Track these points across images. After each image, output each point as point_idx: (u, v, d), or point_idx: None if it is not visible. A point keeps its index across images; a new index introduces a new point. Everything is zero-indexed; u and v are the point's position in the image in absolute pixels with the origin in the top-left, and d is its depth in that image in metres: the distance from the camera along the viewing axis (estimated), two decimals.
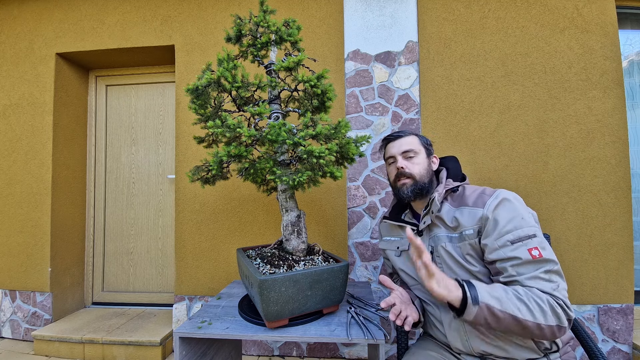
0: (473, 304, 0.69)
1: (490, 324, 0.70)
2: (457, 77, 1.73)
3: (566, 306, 0.69)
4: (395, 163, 0.95)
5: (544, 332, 0.68)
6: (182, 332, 0.87)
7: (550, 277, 0.72)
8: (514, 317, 0.68)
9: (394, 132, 1.01)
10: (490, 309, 0.69)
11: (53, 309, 1.95)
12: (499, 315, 0.68)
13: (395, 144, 0.97)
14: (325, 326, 0.90)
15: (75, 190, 2.17)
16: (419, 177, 0.92)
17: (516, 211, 0.79)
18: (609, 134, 1.63)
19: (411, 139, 0.96)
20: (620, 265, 1.59)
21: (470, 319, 0.71)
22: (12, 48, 2.08)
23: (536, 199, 1.65)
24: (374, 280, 1.70)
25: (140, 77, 2.25)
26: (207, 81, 0.95)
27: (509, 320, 0.68)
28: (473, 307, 0.69)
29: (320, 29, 1.83)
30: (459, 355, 0.88)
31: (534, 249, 0.73)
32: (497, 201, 0.80)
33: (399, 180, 0.94)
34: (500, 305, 0.69)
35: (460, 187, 0.91)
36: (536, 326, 0.67)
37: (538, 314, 0.68)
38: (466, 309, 0.70)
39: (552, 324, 0.67)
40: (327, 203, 1.77)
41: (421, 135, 1.00)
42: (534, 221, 0.79)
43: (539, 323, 0.67)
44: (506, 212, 0.79)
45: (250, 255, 1.12)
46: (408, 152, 0.94)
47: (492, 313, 0.69)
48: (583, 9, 1.68)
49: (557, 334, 0.69)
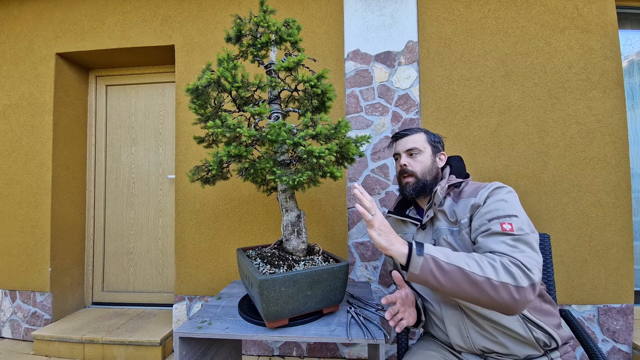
0: (417, 254, 0.69)
1: (439, 278, 0.67)
2: (457, 77, 1.73)
3: (525, 267, 0.65)
4: (400, 160, 0.99)
5: (498, 291, 0.64)
6: (182, 332, 0.87)
7: (516, 244, 0.71)
8: (460, 269, 0.66)
9: (403, 129, 1.03)
10: (436, 261, 0.68)
11: (53, 309, 1.95)
12: (446, 267, 0.67)
13: (402, 141, 1.00)
14: (325, 326, 0.90)
15: (75, 190, 2.17)
16: (420, 174, 0.94)
17: (502, 197, 0.81)
18: (609, 134, 1.63)
19: (418, 136, 0.98)
20: (620, 265, 1.59)
21: (417, 272, 0.69)
22: (12, 48, 2.08)
23: (536, 199, 1.65)
24: (374, 280, 1.71)
25: (140, 77, 2.25)
26: (207, 81, 0.95)
27: (457, 274, 0.66)
28: (418, 258, 0.68)
29: (320, 29, 1.83)
30: (459, 355, 0.88)
31: (507, 224, 0.74)
32: (488, 191, 0.83)
33: (403, 178, 0.98)
34: (446, 259, 0.68)
35: (462, 183, 0.93)
36: (487, 282, 0.64)
37: (488, 269, 0.65)
38: (411, 260, 0.69)
39: (506, 281, 0.64)
40: (327, 203, 1.77)
41: (430, 132, 1.01)
42: (520, 209, 0.78)
43: (489, 278, 0.64)
44: (493, 197, 0.81)
45: (250, 255, 1.12)
46: (412, 150, 0.97)
47: (439, 265, 0.67)
48: (583, 9, 1.68)
49: (515, 296, 0.64)
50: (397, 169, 1.02)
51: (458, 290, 0.67)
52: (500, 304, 0.65)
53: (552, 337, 0.79)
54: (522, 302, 0.64)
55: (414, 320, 0.88)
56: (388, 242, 0.72)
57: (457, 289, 0.67)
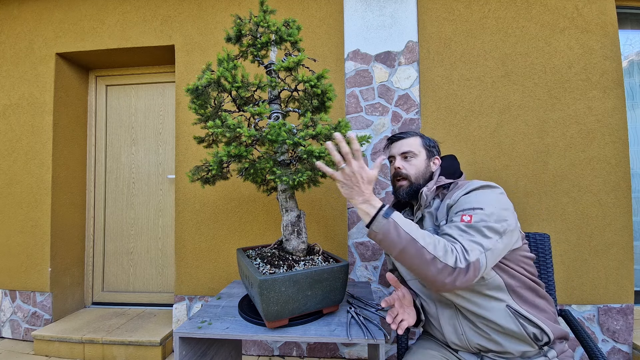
0: (384, 216, 0.73)
1: (393, 240, 0.71)
2: (457, 77, 1.73)
3: (465, 250, 0.69)
4: (394, 162, 0.99)
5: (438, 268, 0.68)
6: (182, 332, 0.87)
7: (466, 229, 0.74)
8: (414, 240, 0.70)
9: (398, 132, 1.04)
10: (396, 225, 0.71)
11: (53, 309, 1.95)
12: (402, 234, 0.70)
13: (397, 144, 1.00)
14: (325, 326, 0.90)
15: (75, 190, 2.17)
16: (414, 178, 0.95)
17: (476, 193, 0.82)
18: (609, 134, 1.63)
19: (413, 140, 0.99)
20: (620, 265, 1.59)
21: (377, 230, 0.73)
22: (12, 48, 2.08)
23: (536, 199, 1.65)
24: (374, 280, 1.71)
25: (140, 77, 2.25)
26: (207, 81, 0.95)
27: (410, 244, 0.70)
28: (382, 219, 0.73)
29: (320, 29, 1.83)
30: (457, 353, 0.88)
31: (467, 215, 0.76)
32: (465, 191, 0.84)
33: (397, 181, 0.98)
34: (406, 228, 0.71)
35: (452, 184, 0.93)
36: (432, 259, 0.68)
37: (439, 249, 0.69)
38: (375, 218, 0.73)
39: (449, 263, 0.67)
40: (327, 203, 1.77)
41: (426, 137, 1.01)
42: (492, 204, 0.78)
43: (436, 256, 0.68)
44: (467, 196, 0.82)
45: (250, 255, 1.12)
46: (407, 153, 0.97)
47: (397, 230, 0.71)
48: (583, 9, 1.68)
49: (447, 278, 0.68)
50: (391, 172, 1.03)
51: (405, 258, 0.71)
52: (435, 281, 0.69)
53: (543, 332, 0.78)
54: (452, 284, 0.68)
55: (414, 320, 0.88)
56: (349, 196, 0.76)
57: (404, 256, 0.71)
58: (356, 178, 0.74)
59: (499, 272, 0.80)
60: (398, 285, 0.84)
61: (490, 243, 0.72)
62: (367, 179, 0.75)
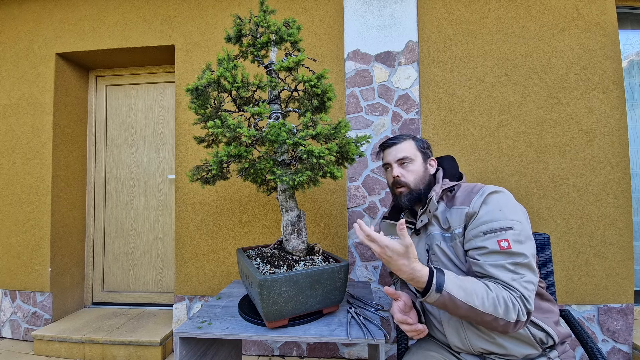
0: (436, 291, 0.70)
1: (450, 310, 0.72)
2: (457, 77, 1.73)
3: (525, 299, 0.69)
4: (391, 170, 0.96)
5: (500, 325, 0.69)
6: (182, 332, 0.87)
7: (515, 269, 0.72)
8: (473, 308, 0.69)
9: (390, 138, 1.00)
10: (452, 298, 0.69)
11: (53, 309, 1.95)
12: (459, 304, 0.69)
13: (391, 150, 0.97)
14: (325, 326, 0.90)
15: (75, 190, 2.17)
16: (414, 185, 0.93)
17: (497, 204, 0.79)
18: (609, 134, 1.63)
19: (407, 144, 0.96)
20: (620, 265, 1.59)
21: (431, 302, 0.72)
22: (12, 48, 2.08)
23: (536, 199, 1.65)
24: (374, 280, 1.71)
25: (140, 77, 2.25)
26: (207, 81, 0.95)
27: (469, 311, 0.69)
28: (435, 294, 0.70)
29: (320, 29, 1.83)
30: (458, 355, 0.88)
31: (504, 240, 0.74)
32: (482, 198, 0.81)
33: (397, 188, 0.95)
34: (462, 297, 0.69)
35: (455, 186, 0.92)
36: (494, 319, 0.68)
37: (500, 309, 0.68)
38: (429, 294, 0.71)
39: (511, 320, 0.68)
40: (327, 203, 1.77)
41: (418, 139, 0.99)
42: (516, 215, 0.78)
43: (497, 317, 0.68)
44: (487, 205, 0.80)
45: (250, 255, 1.12)
46: (403, 159, 0.94)
47: (453, 302, 0.70)
48: (583, 9, 1.68)
49: (514, 328, 0.70)
50: (388, 180, 1.00)
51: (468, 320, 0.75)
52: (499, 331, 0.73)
53: (549, 335, 0.79)
54: (518, 330, 0.71)
55: (416, 322, 0.87)
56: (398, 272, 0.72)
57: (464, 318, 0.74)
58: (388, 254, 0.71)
59: None
60: (397, 296, 0.82)
61: (536, 275, 0.74)
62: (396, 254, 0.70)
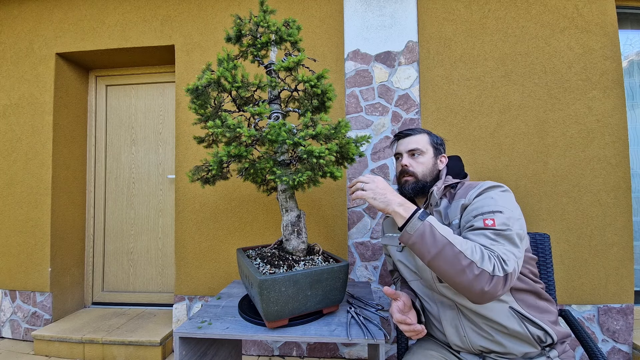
0: (419, 218, 0.73)
1: (428, 244, 0.70)
2: (457, 77, 1.73)
3: (502, 259, 0.68)
4: (401, 160, 0.99)
5: (475, 274, 0.66)
6: (182, 332, 0.87)
7: (496, 238, 0.73)
8: (451, 244, 0.69)
9: (406, 129, 1.03)
10: (432, 228, 0.71)
11: (53, 309, 1.95)
12: (438, 237, 0.70)
13: (404, 141, 1.00)
14: (325, 326, 0.90)
15: (75, 190, 2.17)
16: (421, 176, 0.95)
17: (490, 194, 0.81)
18: (609, 134, 1.63)
19: (420, 137, 0.98)
20: (620, 265, 1.59)
21: (412, 232, 0.73)
22: (12, 48, 2.08)
23: (536, 199, 1.65)
24: (374, 280, 1.71)
25: (140, 77, 2.25)
26: (207, 81, 0.95)
27: (447, 248, 0.69)
28: (417, 221, 0.73)
29: (320, 29, 1.83)
30: (458, 354, 0.88)
31: (489, 219, 0.75)
32: (478, 191, 0.83)
33: (403, 177, 0.98)
34: (442, 231, 0.71)
35: (459, 183, 0.93)
36: (469, 264, 0.67)
37: (475, 253, 0.68)
38: (410, 220, 0.74)
39: (486, 269, 0.66)
40: (327, 203, 1.77)
41: (433, 134, 1.01)
42: (509, 205, 0.79)
43: (473, 261, 0.67)
44: (481, 196, 0.82)
45: (250, 255, 1.12)
46: (414, 150, 0.97)
47: (433, 233, 0.71)
48: (583, 9, 1.68)
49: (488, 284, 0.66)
50: (397, 169, 1.02)
51: (440, 262, 0.70)
52: (471, 288, 0.67)
53: (547, 333, 0.79)
54: (491, 292, 0.67)
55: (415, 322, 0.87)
56: (384, 204, 0.79)
57: (439, 261, 0.70)
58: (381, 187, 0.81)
59: None
60: (396, 297, 0.83)
61: (520, 252, 0.73)
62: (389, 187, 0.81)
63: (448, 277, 0.70)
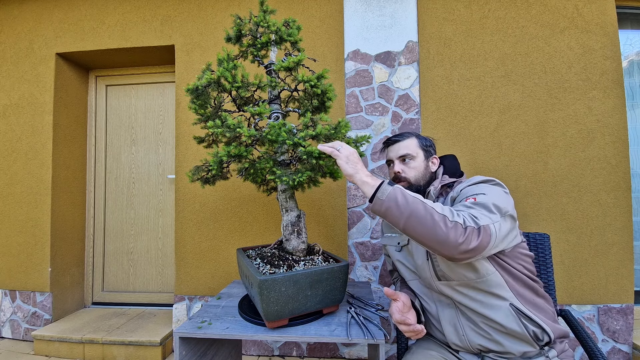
0: (388, 184, 0.75)
1: (400, 206, 0.71)
2: (457, 77, 1.73)
3: (473, 216, 0.70)
4: (393, 166, 1.00)
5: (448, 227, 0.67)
6: (182, 332, 0.87)
7: (472, 206, 0.75)
8: (422, 202, 0.71)
9: (394, 135, 1.04)
10: (402, 191, 0.73)
11: (53, 309, 1.95)
12: (409, 198, 0.72)
13: (394, 147, 1.01)
14: (325, 326, 0.90)
15: (75, 190, 2.17)
16: (414, 180, 0.96)
17: (478, 187, 0.83)
18: (609, 134, 1.63)
19: (409, 141, 0.99)
20: (620, 265, 1.59)
21: (383, 198, 0.73)
22: (12, 48, 2.08)
23: (536, 199, 1.65)
24: (374, 280, 1.71)
25: (140, 77, 2.25)
26: (207, 81, 0.95)
27: (418, 206, 0.70)
28: (387, 186, 0.74)
29: (320, 29, 1.83)
30: (457, 354, 0.88)
31: (472, 198, 0.78)
32: (467, 184, 0.86)
33: (397, 183, 0.97)
34: (413, 194, 0.73)
35: (455, 182, 0.94)
36: (442, 218, 0.68)
37: (445, 210, 0.70)
38: (380, 187, 0.75)
39: (458, 220, 0.68)
40: (327, 203, 1.77)
41: (422, 137, 1.02)
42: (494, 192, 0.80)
43: (445, 215, 0.68)
44: (469, 187, 0.84)
45: (250, 255, 1.12)
46: (405, 156, 0.98)
47: (404, 195, 0.72)
48: (583, 9, 1.68)
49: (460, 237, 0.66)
50: (390, 176, 1.03)
51: (414, 223, 0.70)
52: (446, 241, 0.67)
53: (544, 331, 0.79)
54: (466, 244, 0.66)
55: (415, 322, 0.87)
56: (354, 170, 0.81)
57: (413, 222, 0.70)
58: (355, 157, 0.83)
59: (498, 269, 0.80)
60: (396, 297, 0.83)
61: (497, 218, 0.73)
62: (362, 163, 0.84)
63: (423, 236, 0.69)
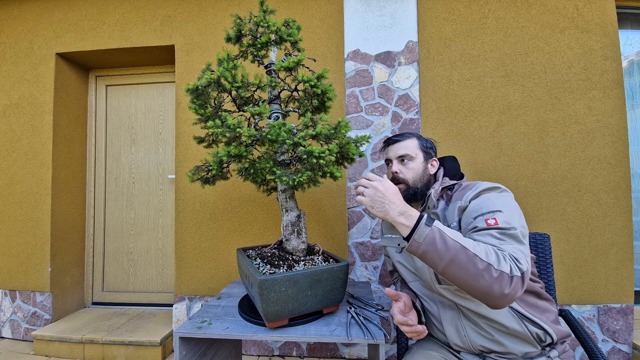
0: (426, 224, 0.69)
1: (440, 251, 0.67)
2: (457, 77, 1.73)
3: (514, 258, 0.67)
4: (391, 166, 0.99)
5: (494, 277, 0.63)
6: (182, 332, 0.87)
7: (502, 237, 0.71)
8: (464, 248, 0.66)
9: (395, 135, 1.03)
10: (442, 234, 0.68)
11: (53, 309, 1.95)
12: (449, 242, 0.67)
13: (394, 147, 1.00)
14: (325, 326, 0.90)
15: (75, 190, 2.17)
16: (412, 182, 0.94)
17: (487, 196, 0.81)
18: (609, 134, 1.63)
19: (410, 142, 0.98)
20: (620, 265, 1.59)
21: (420, 241, 0.69)
22: (12, 48, 2.08)
23: (536, 199, 1.65)
24: (374, 280, 1.71)
25: (140, 77, 2.25)
26: (207, 81, 0.95)
27: (460, 252, 0.65)
28: (425, 227, 0.69)
29: (320, 29, 1.83)
30: (459, 354, 0.88)
31: (491, 219, 0.74)
32: (474, 193, 0.83)
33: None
34: (452, 235, 0.68)
35: (455, 185, 0.93)
36: (488, 268, 0.64)
37: (490, 255, 0.66)
38: (417, 228, 0.70)
39: (504, 270, 0.64)
40: (327, 203, 1.77)
41: (423, 138, 1.00)
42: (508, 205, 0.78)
43: (490, 263, 0.64)
44: (478, 198, 0.82)
45: (250, 255, 1.12)
46: (403, 156, 0.96)
47: (443, 239, 0.67)
48: (583, 9, 1.68)
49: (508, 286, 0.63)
50: (388, 176, 1.01)
51: (454, 269, 0.66)
52: (491, 292, 0.64)
53: (547, 333, 0.79)
54: (512, 294, 0.64)
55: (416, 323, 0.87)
56: (383, 212, 0.75)
57: (454, 268, 0.66)
58: (381, 192, 0.76)
59: None
60: (397, 297, 0.83)
61: (527, 249, 0.72)
62: (391, 191, 0.76)
63: (464, 283, 0.66)
